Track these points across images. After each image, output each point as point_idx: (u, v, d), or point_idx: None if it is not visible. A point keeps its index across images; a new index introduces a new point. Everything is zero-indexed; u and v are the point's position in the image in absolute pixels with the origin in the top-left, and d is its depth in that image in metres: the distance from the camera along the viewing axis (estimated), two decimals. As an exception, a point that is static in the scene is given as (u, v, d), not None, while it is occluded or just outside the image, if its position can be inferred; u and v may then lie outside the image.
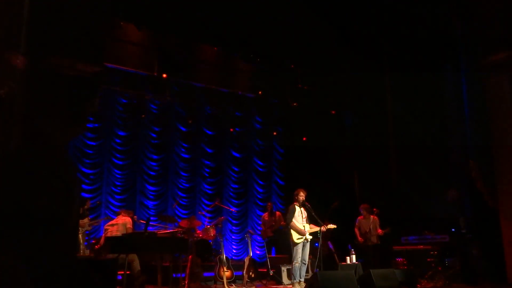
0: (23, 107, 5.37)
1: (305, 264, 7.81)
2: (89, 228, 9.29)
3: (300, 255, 7.68)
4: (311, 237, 7.81)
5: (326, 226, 7.91)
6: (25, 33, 5.34)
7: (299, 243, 7.68)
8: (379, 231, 9.43)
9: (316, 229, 7.83)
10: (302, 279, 7.75)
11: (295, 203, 7.94)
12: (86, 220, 8.98)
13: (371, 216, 9.55)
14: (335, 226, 8.13)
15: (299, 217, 7.82)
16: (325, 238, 9.72)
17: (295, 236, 7.72)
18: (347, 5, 9.63)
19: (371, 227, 9.43)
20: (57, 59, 5.59)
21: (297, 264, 7.66)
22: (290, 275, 8.52)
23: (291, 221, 7.75)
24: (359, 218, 9.74)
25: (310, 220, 7.98)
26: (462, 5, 9.38)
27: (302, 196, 7.91)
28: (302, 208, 7.94)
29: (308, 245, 7.82)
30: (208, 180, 12.37)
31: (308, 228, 7.82)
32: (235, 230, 12.56)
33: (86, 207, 9.19)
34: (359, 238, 9.51)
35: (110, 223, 7.67)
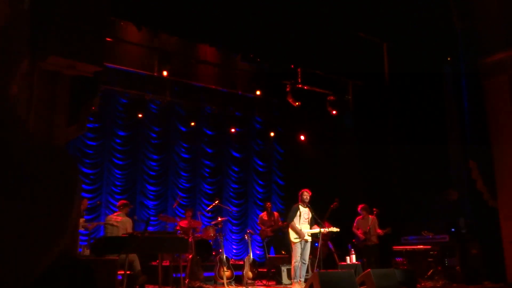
0: (23, 108, 5.37)
1: (305, 264, 7.82)
2: (82, 229, 9.22)
3: (299, 255, 7.70)
4: (309, 238, 7.81)
5: (328, 228, 7.90)
6: (25, 33, 5.34)
7: (296, 242, 7.73)
8: (379, 231, 9.42)
9: (317, 230, 7.84)
10: (302, 279, 7.77)
11: (299, 203, 7.97)
12: (81, 221, 8.92)
13: (370, 216, 9.54)
14: (338, 229, 8.06)
15: (302, 217, 7.84)
16: (325, 238, 9.73)
17: (292, 235, 7.78)
18: (347, 5, 9.62)
19: (370, 227, 9.43)
20: (57, 59, 5.59)
21: (296, 263, 7.69)
22: (290, 274, 8.54)
23: (292, 220, 7.77)
24: (357, 218, 9.73)
25: (315, 221, 7.99)
26: (462, 5, 9.37)
27: (306, 196, 7.94)
28: (307, 209, 7.96)
29: (308, 245, 7.84)
30: (208, 180, 12.37)
31: (308, 229, 7.82)
32: (235, 230, 12.56)
33: (83, 207, 9.16)
34: (361, 236, 9.47)
35: (109, 221, 7.63)
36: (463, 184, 9.90)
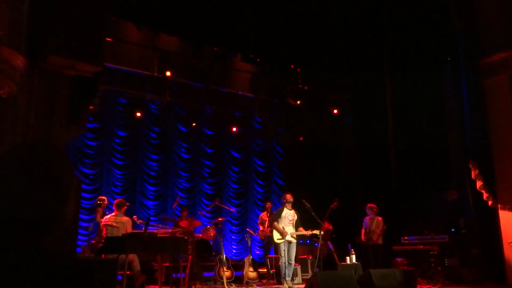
0: (23, 107, 5.37)
1: (291, 264, 8.03)
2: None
3: (285, 255, 7.95)
4: (293, 239, 8.06)
5: (311, 231, 8.15)
6: (25, 33, 5.34)
7: (280, 243, 8.01)
8: (378, 230, 9.39)
9: (302, 233, 8.16)
10: (289, 278, 8.04)
11: (284, 206, 8.25)
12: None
13: (377, 217, 9.51)
14: (318, 232, 8.19)
15: (286, 219, 8.12)
16: (325, 238, 9.73)
17: (275, 236, 8.08)
18: (348, 5, 9.62)
19: (374, 227, 9.41)
20: (57, 59, 5.60)
21: (282, 263, 7.97)
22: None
23: (275, 221, 8.11)
24: (365, 218, 9.69)
25: (313, 223, 8.19)
26: (462, 5, 9.37)
27: (289, 198, 8.25)
28: (292, 211, 8.24)
29: (293, 246, 8.10)
30: (208, 180, 12.36)
31: (292, 231, 8.07)
32: (235, 230, 12.56)
33: (104, 206, 9.07)
34: (362, 237, 9.49)
35: (108, 222, 7.61)
36: (463, 184, 9.90)
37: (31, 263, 1.02)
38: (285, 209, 8.23)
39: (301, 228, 8.23)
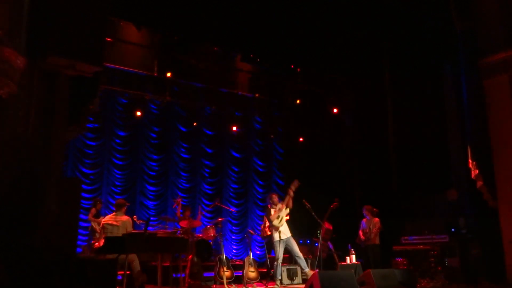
0: (23, 107, 5.37)
1: (299, 257, 8.11)
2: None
3: (279, 254, 8.00)
4: (285, 236, 8.08)
5: (291, 191, 8.12)
6: (25, 33, 5.34)
7: (275, 241, 8.07)
8: (374, 229, 9.42)
9: (287, 199, 8.11)
10: (306, 270, 8.12)
11: (271, 207, 8.29)
12: (101, 219, 8.88)
13: (374, 218, 9.52)
14: (298, 184, 8.21)
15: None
16: (325, 238, 9.74)
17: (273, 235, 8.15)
18: (348, 5, 9.63)
19: (370, 227, 9.43)
20: (57, 59, 5.60)
21: (275, 263, 8.06)
22: (289, 275, 8.74)
23: (271, 222, 8.19)
24: (363, 220, 9.71)
25: (312, 222, 8.23)
26: (462, 5, 9.37)
27: (273, 199, 8.34)
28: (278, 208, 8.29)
29: (290, 240, 8.12)
30: (208, 180, 12.37)
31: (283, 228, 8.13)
32: (235, 230, 12.56)
33: (98, 207, 9.26)
34: (361, 237, 9.51)
35: (109, 221, 7.60)
36: (463, 184, 9.90)
37: (25, 262, 1.02)
38: (271, 209, 8.27)
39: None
